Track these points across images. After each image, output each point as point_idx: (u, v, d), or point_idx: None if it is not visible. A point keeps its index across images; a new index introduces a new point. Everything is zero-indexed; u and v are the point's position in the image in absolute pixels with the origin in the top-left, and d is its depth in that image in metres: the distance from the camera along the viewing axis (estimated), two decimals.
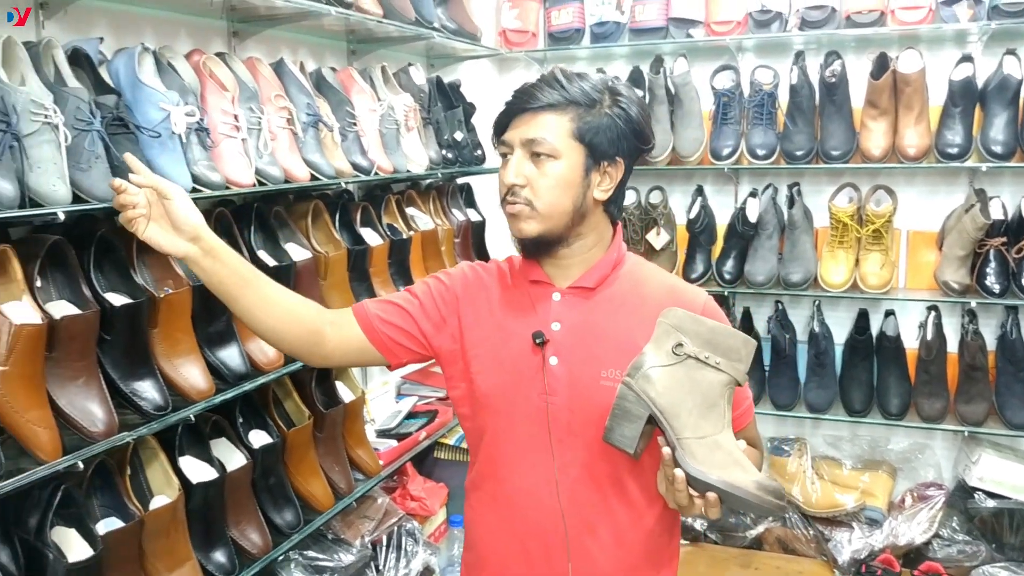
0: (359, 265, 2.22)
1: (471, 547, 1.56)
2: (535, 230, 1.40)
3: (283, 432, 1.98)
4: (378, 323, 1.47)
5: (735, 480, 1.21)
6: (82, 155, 1.41)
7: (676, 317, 1.31)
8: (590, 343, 1.43)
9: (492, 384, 1.46)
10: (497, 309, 1.49)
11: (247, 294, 1.38)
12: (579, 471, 1.42)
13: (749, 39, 2.84)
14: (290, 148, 1.92)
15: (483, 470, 1.51)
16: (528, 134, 1.37)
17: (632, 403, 1.29)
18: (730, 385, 1.29)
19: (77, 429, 1.44)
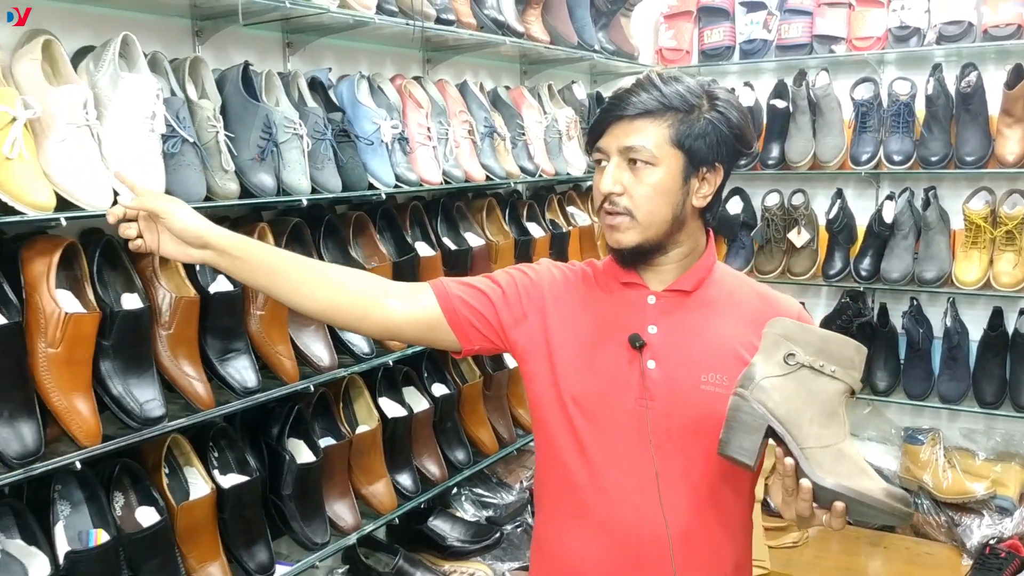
0: (524, 254, 2.62)
1: (547, 559, 1.48)
2: (634, 240, 1.35)
3: (459, 386, 2.41)
4: (458, 303, 1.40)
5: (864, 488, 1.18)
6: (318, 157, 1.88)
7: (784, 327, 1.27)
8: (688, 347, 1.38)
9: (583, 388, 1.39)
10: (587, 311, 1.43)
11: (279, 282, 1.34)
12: (678, 479, 1.36)
13: (889, 53, 3.04)
14: (470, 154, 2.35)
15: (565, 479, 1.41)
16: (625, 142, 1.32)
17: (748, 415, 1.24)
18: (846, 393, 1.25)
19: (310, 363, 1.92)
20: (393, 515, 2.13)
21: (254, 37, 2.00)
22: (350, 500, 2.04)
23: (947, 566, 2.82)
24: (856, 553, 2.95)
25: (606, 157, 1.35)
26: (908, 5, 2.95)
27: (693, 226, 1.39)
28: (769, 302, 1.44)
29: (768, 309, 1.40)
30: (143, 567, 1.59)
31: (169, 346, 1.63)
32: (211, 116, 1.67)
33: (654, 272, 1.41)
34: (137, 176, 1.44)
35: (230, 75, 1.78)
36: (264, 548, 1.82)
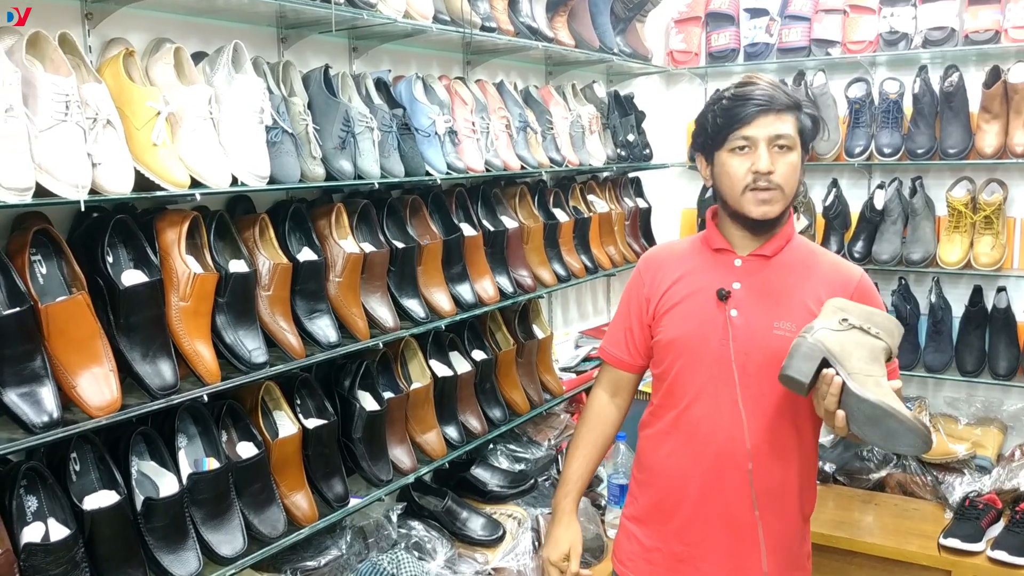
0: (551, 236, 2.92)
1: (645, 467, 1.91)
2: (779, 210, 1.68)
3: (496, 352, 2.71)
4: (639, 358, 1.91)
5: (897, 406, 1.49)
6: (386, 147, 2.18)
7: (840, 302, 1.61)
8: (765, 300, 1.72)
9: (677, 332, 1.78)
10: (683, 276, 1.81)
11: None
12: (752, 404, 1.72)
13: (880, 56, 3.34)
14: (507, 146, 2.65)
15: (664, 403, 1.84)
16: (776, 131, 1.65)
17: (808, 346, 1.54)
18: (886, 352, 1.56)
19: (377, 324, 2.21)
20: (443, 461, 2.43)
21: (326, 43, 2.31)
22: (407, 446, 2.34)
23: (932, 519, 3.13)
24: (850, 509, 3.25)
25: (752, 144, 1.67)
26: (897, 12, 3.25)
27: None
28: (836, 267, 1.80)
29: (835, 273, 1.77)
30: (246, 490, 1.89)
31: (268, 305, 1.93)
32: (302, 111, 1.97)
33: (742, 239, 1.78)
34: (252, 166, 1.76)
35: (313, 76, 2.08)
36: (340, 482, 2.12)
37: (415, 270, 2.35)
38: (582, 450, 2.00)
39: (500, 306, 2.64)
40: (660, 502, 1.87)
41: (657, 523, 1.88)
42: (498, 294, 2.59)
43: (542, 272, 2.83)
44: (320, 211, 2.16)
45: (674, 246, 1.96)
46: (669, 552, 1.86)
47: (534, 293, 2.77)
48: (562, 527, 1.96)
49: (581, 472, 1.99)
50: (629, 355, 1.94)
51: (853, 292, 1.75)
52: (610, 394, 2.00)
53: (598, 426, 2.00)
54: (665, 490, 1.85)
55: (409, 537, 2.35)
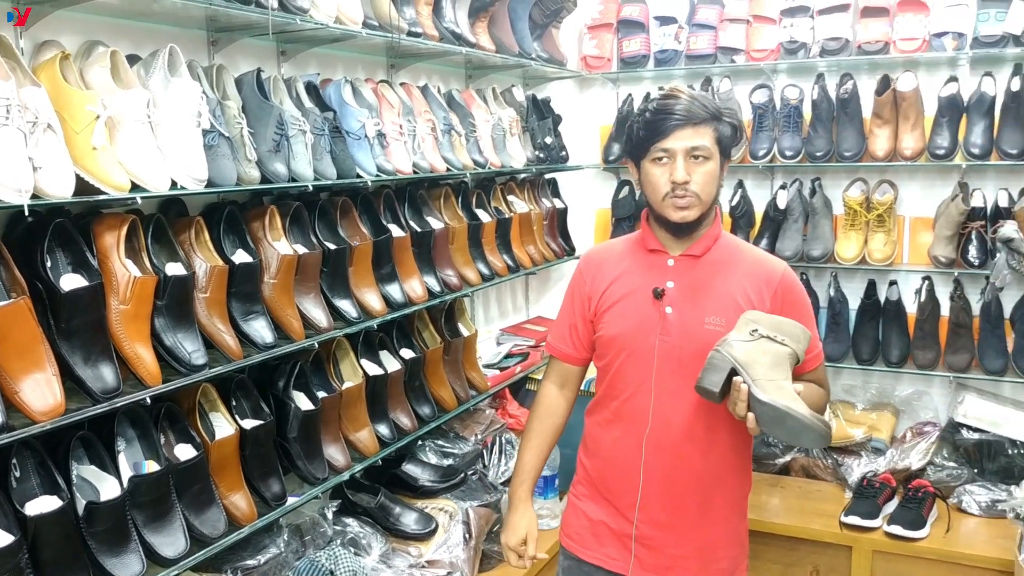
0: (475, 236, 2.99)
1: (591, 452, 2.04)
2: (695, 215, 1.81)
3: (424, 350, 2.77)
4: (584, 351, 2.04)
5: (794, 406, 1.66)
6: (318, 150, 2.22)
7: (754, 314, 1.76)
8: (696, 297, 1.86)
9: (618, 330, 1.92)
10: (621, 275, 1.94)
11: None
12: (686, 394, 1.83)
13: (781, 63, 3.53)
14: (433, 148, 2.71)
15: (607, 393, 1.98)
16: (693, 143, 1.77)
17: (719, 360, 1.71)
18: (792, 357, 1.72)
19: (311, 325, 2.23)
20: (376, 458, 2.47)
21: (255, 47, 2.32)
22: (341, 444, 2.38)
23: (833, 499, 3.33)
24: (758, 493, 3.42)
25: (670, 155, 1.79)
26: (796, 23, 3.45)
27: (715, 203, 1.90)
28: (761, 262, 1.94)
29: (760, 267, 1.90)
30: (186, 492, 1.90)
31: (206, 307, 1.95)
32: (237, 115, 1.99)
33: (674, 240, 1.90)
34: (191, 169, 1.78)
35: (246, 79, 2.10)
36: (277, 481, 2.14)
37: (347, 271, 2.38)
38: (534, 441, 2.12)
39: (428, 305, 2.70)
40: (606, 482, 2.01)
41: (604, 500, 2.02)
42: (426, 293, 2.64)
43: (467, 271, 2.90)
44: (253, 213, 2.18)
45: (612, 246, 2.08)
46: (615, 526, 2.00)
47: (460, 292, 2.84)
48: (519, 514, 2.09)
49: (534, 462, 2.11)
50: (575, 349, 2.06)
51: (778, 285, 1.90)
52: (558, 386, 2.12)
53: (548, 418, 2.12)
54: (611, 472, 1.99)
55: (344, 534, 2.38)
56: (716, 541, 1.98)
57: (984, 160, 3.17)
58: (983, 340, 3.26)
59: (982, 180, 3.34)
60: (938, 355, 3.34)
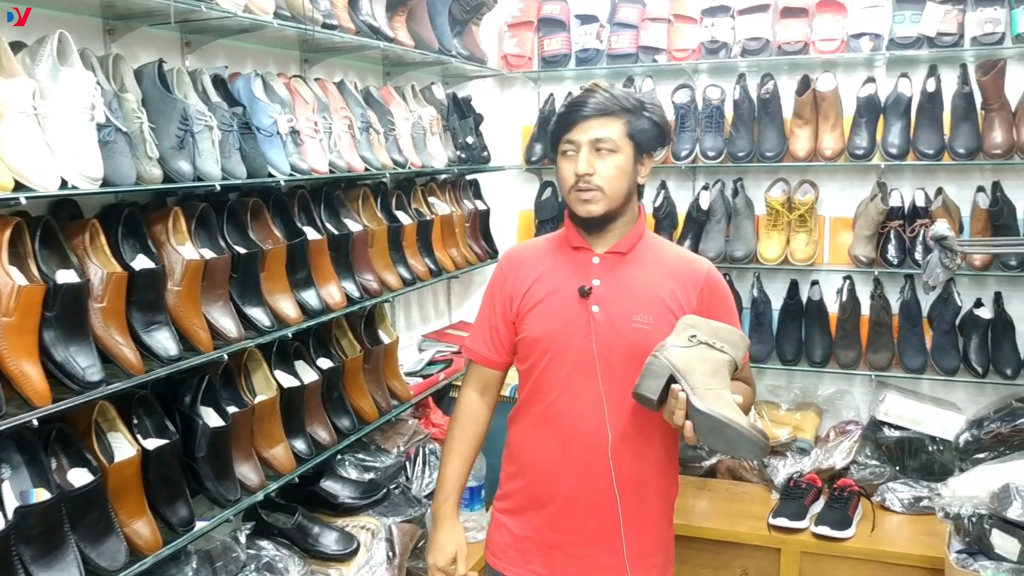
0: (395, 238, 2.87)
1: (515, 460, 1.97)
2: (601, 209, 1.77)
3: (342, 359, 2.63)
4: (505, 355, 1.96)
5: (732, 416, 1.62)
6: (226, 147, 2.06)
7: (692, 319, 1.73)
8: (623, 295, 1.82)
9: (543, 330, 1.85)
10: (544, 273, 1.88)
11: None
12: (616, 395, 1.79)
13: (702, 63, 3.51)
14: (350, 147, 2.58)
15: (531, 398, 1.90)
16: (596, 134, 1.75)
17: (657, 365, 1.67)
18: (730, 364, 1.69)
19: (220, 335, 2.09)
20: (292, 475, 2.33)
21: (157, 36, 2.15)
22: (254, 462, 2.23)
23: (759, 500, 3.32)
24: (685, 496, 3.38)
25: (576, 148, 1.77)
26: (717, 23, 3.43)
27: (633, 199, 1.85)
28: (686, 260, 1.91)
29: (685, 266, 1.87)
30: (81, 521, 1.73)
31: (102, 318, 1.78)
32: (136, 108, 1.83)
33: (599, 238, 1.85)
34: (83, 167, 1.62)
35: (146, 71, 1.94)
36: (184, 505, 1.98)
37: (258, 277, 2.23)
38: (456, 452, 2.02)
39: (347, 312, 2.57)
40: (532, 493, 1.92)
41: (529, 513, 1.94)
42: (344, 299, 2.52)
43: (387, 276, 2.78)
44: (155, 216, 2.01)
45: (535, 244, 2.01)
46: (541, 540, 1.92)
47: (380, 297, 2.71)
48: (445, 531, 1.98)
49: (458, 474, 2.01)
50: (495, 352, 1.98)
51: (703, 284, 1.87)
52: (479, 392, 2.04)
53: (470, 426, 2.02)
54: (536, 481, 1.91)
55: (259, 558, 2.23)
56: (646, 548, 1.93)
57: (901, 160, 3.20)
58: (902, 339, 3.30)
59: (899, 180, 3.38)
60: (860, 354, 3.36)
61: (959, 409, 3.32)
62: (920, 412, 3.27)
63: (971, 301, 3.27)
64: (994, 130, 3.08)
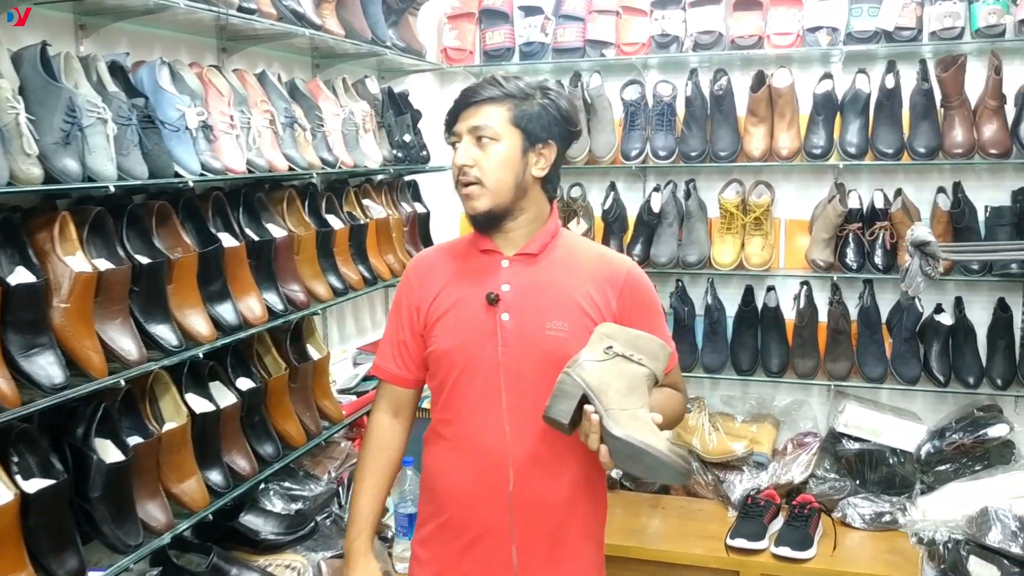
0: (325, 245, 2.63)
1: (428, 488, 1.81)
2: (485, 205, 1.64)
3: (264, 379, 2.38)
4: (416, 371, 1.82)
5: (650, 441, 1.47)
6: (123, 143, 1.81)
7: (608, 328, 1.59)
8: (536, 300, 1.68)
9: (451, 343, 1.71)
10: (451, 280, 1.74)
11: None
12: (530, 411, 1.63)
13: (652, 58, 3.33)
14: (272, 144, 2.34)
15: (443, 417, 1.75)
16: (474, 122, 1.63)
17: (569, 385, 1.53)
18: (650, 378, 1.55)
19: (117, 358, 1.83)
20: (206, 512, 2.08)
21: (45, 18, 1.88)
22: (161, 500, 1.97)
23: (716, 518, 3.15)
24: (638, 515, 3.21)
25: (459, 139, 1.66)
26: (668, 15, 3.25)
27: (535, 195, 1.69)
28: (605, 259, 1.76)
29: (604, 265, 1.73)
30: None
31: None
32: (11, 97, 1.56)
33: (506, 239, 1.71)
34: None
35: (27, 55, 1.67)
36: (74, 554, 1.72)
37: (164, 290, 1.98)
38: (368, 482, 1.85)
39: (269, 326, 2.33)
40: (446, 523, 1.77)
41: (446, 544, 1.79)
42: (266, 313, 2.27)
43: (316, 285, 2.54)
44: (39, 222, 1.75)
45: (442, 249, 1.87)
46: (459, 572, 1.78)
47: (308, 310, 2.48)
48: (359, 570, 1.80)
49: (371, 507, 1.84)
50: (406, 369, 1.84)
51: (623, 284, 1.72)
52: (391, 415, 1.88)
53: (382, 453, 1.85)
54: (452, 510, 1.77)
55: None
56: None
57: (860, 160, 3.06)
58: (862, 347, 3.16)
59: (856, 181, 3.25)
60: (818, 363, 3.21)
61: (919, 419, 3.20)
62: (880, 423, 3.13)
63: (931, 307, 3.14)
64: (954, 129, 2.96)
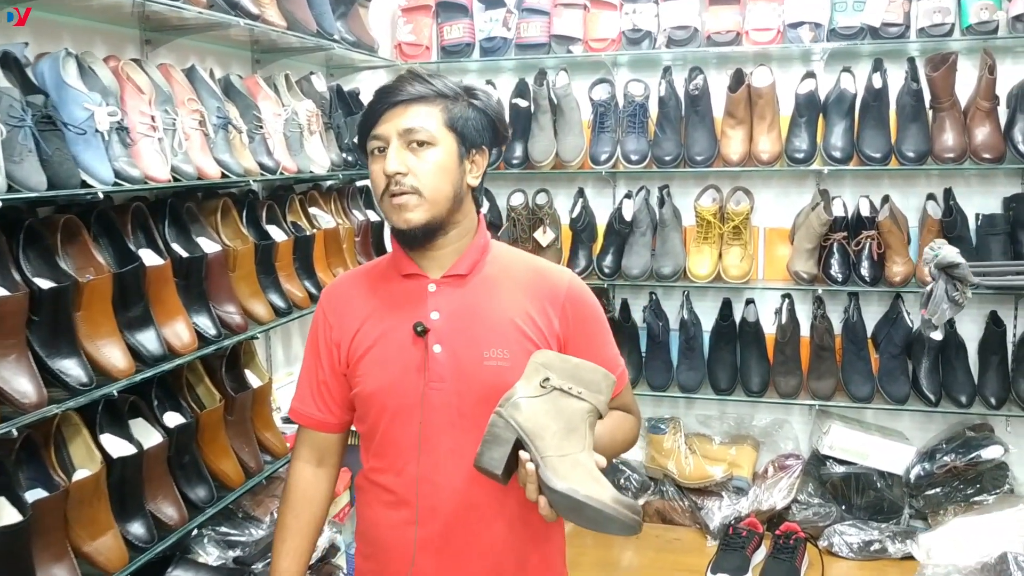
0: (266, 259, 2.37)
1: (364, 540, 1.59)
2: (423, 218, 1.41)
3: (196, 413, 2.11)
4: (341, 413, 1.57)
5: (592, 493, 1.26)
6: (15, 149, 1.53)
7: (544, 357, 1.39)
8: (470, 327, 1.47)
9: (378, 383, 1.48)
10: (373, 311, 1.51)
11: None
12: (470, 452, 1.39)
13: (623, 55, 3.11)
14: (202, 148, 2.07)
15: (376, 466, 1.53)
16: (406, 124, 1.39)
17: (501, 429, 1.34)
18: (592, 413, 1.36)
19: (9, 401, 1.55)
20: (124, 572, 1.80)
21: None
22: (69, 562, 1.70)
23: (694, 549, 2.95)
24: (611, 547, 3.00)
25: (385, 143, 1.41)
26: (639, 9, 3.04)
27: (467, 206, 1.49)
28: (542, 273, 1.53)
29: (541, 281, 1.52)
30: None
31: None
32: None
33: (432, 260, 1.48)
34: None
35: None
36: None
37: (71, 317, 1.71)
38: (290, 543, 1.59)
39: (200, 354, 2.05)
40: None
41: None
42: (196, 339, 2.01)
43: (255, 305, 2.27)
44: None
45: (358, 275, 1.61)
46: None
47: (246, 333, 2.21)
48: None
49: (293, 569, 1.58)
50: (328, 412, 1.58)
51: (564, 300, 1.52)
52: (314, 464, 1.62)
53: (305, 509, 1.60)
54: (393, 566, 1.53)
55: None
56: None
57: (845, 165, 2.86)
58: (847, 364, 2.97)
59: (839, 187, 3.05)
60: (801, 381, 3.02)
61: (907, 440, 3.02)
62: (867, 444, 2.95)
63: (918, 320, 2.95)
64: (945, 131, 2.78)
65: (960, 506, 2.86)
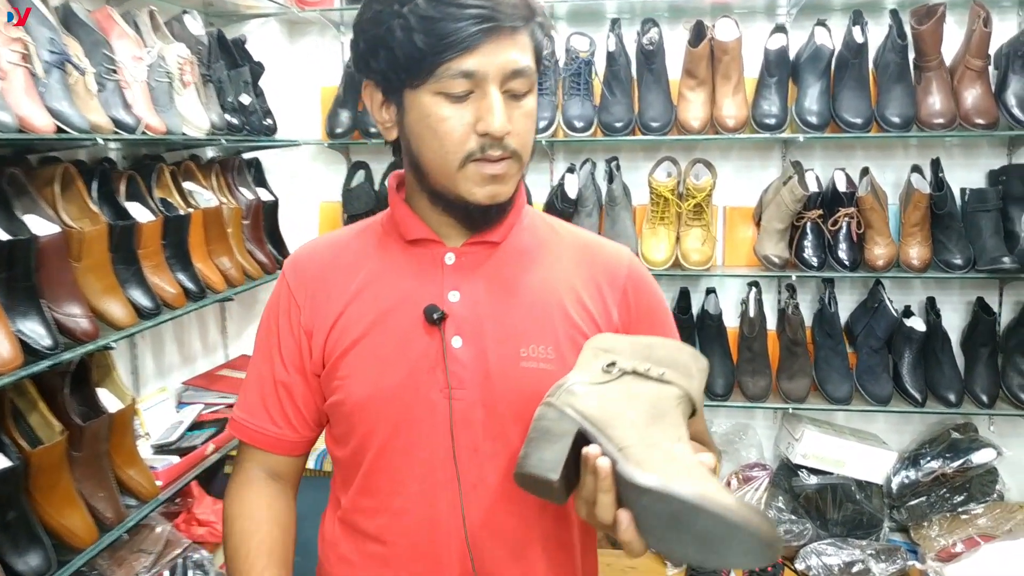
0: (124, 245, 1.83)
1: None
2: (512, 189, 1.07)
3: (25, 453, 1.56)
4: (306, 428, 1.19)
5: (705, 489, 0.83)
6: None
7: (605, 340, 1.07)
8: (501, 314, 1.11)
9: (369, 389, 1.10)
10: (362, 288, 1.13)
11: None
12: (497, 488, 1.09)
13: (562, 4, 2.66)
14: (26, 91, 1.52)
15: (357, 505, 1.15)
16: (515, 63, 1.00)
17: (552, 420, 0.98)
18: (683, 400, 1.00)
19: None
20: None
21: None
22: None
23: None
24: None
25: (474, 86, 1.00)
26: None
27: None
28: (594, 249, 1.18)
29: (594, 257, 1.17)
30: None
31: None
32: None
33: (452, 222, 1.10)
34: None
35: None
36: None
37: None
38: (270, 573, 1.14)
39: (30, 372, 1.51)
40: None
41: None
42: (21, 354, 1.47)
43: (110, 305, 1.74)
44: None
45: (340, 241, 1.20)
46: None
47: (97, 342, 1.66)
48: None
49: None
50: (287, 426, 1.18)
51: (625, 282, 1.17)
52: (268, 496, 1.19)
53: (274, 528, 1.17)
54: None
55: None
56: None
57: (820, 132, 2.49)
58: (822, 360, 2.61)
59: (810, 158, 2.68)
60: (770, 382, 2.63)
61: (885, 443, 2.68)
62: (843, 451, 2.60)
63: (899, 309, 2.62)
64: (932, 94, 2.43)
65: (946, 517, 2.55)
